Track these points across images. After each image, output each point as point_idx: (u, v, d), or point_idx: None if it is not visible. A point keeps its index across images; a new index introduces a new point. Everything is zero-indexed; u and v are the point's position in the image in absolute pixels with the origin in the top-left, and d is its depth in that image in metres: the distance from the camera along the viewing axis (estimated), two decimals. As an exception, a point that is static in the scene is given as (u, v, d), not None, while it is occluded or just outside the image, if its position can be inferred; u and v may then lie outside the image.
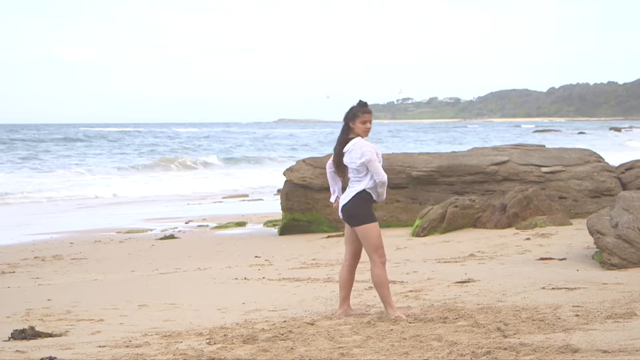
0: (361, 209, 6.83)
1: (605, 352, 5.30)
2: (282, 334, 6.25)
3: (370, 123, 6.93)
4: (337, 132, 7.14)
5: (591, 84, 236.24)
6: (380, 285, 6.85)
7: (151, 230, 15.99)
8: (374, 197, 6.88)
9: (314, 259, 11.44)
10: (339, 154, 6.94)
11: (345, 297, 7.05)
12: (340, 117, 7.05)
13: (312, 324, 6.65)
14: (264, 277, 9.67)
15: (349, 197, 6.88)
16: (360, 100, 6.98)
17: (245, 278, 9.64)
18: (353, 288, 8.58)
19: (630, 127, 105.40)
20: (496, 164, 15.04)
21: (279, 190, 19.96)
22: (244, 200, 23.01)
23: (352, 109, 6.95)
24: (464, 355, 5.35)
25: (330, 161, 7.05)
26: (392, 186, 15.02)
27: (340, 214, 6.98)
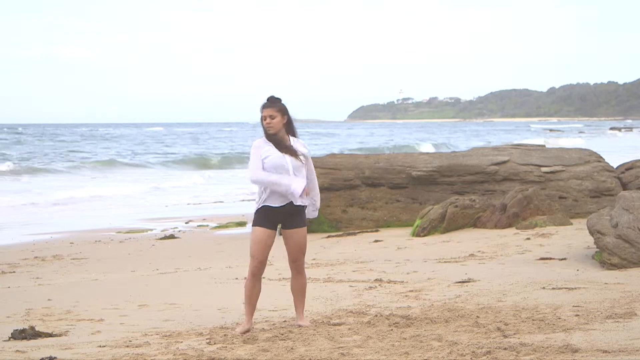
0: None
1: (605, 352, 5.30)
2: (282, 334, 6.25)
3: (269, 118, 6.46)
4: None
5: (591, 83, 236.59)
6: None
7: (151, 230, 15.98)
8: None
9: (314, 259, 11.43)
10: None
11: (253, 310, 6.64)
12: (339, 117, 6.98)
13: (312, 324, 6.64)
14: (264, 277, 9.65)
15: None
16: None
17: (245, 278, 9.62)
18: (353, 287, 8.59)
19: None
20: (496, 164, 15.04)
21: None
22: (244, 200, 23.00)
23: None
24: (464, 355, 5.35)
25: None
26: (392, 186, 15.04)
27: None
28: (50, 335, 6.64)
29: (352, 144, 64.43)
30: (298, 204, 6.49)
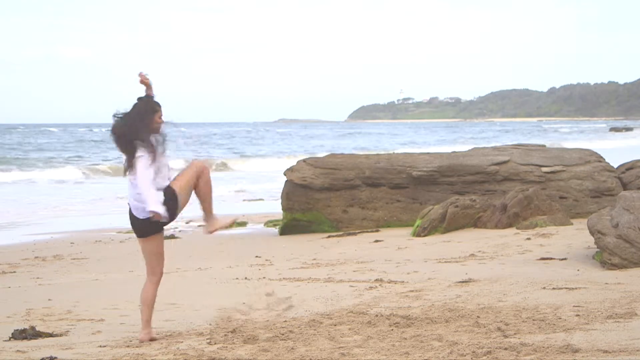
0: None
1: (606, 352, 5.30)
2: (283, 334, 6.25)
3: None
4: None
5: (592, 83, 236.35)
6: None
7: (152, 230, 15.96)
8: None
9: (314, 259, 11.44)
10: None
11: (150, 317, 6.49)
12: (339, 117, 6.94)
13: (313, 324, 6.64)
14: (264, 277, 9.67)
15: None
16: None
17: (245, 278, 9.64)
18: (354, 288, 8.59)
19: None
20: (497, 164, 15.04)
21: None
22: (244, 200, 23.00)
23: (151, 101, 6.38)
24: (465, 355, 5.35)
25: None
26: (392, 186, 15.04)
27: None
28: (50, 335, 6.65)
29: (393, 146, 61.44)
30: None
